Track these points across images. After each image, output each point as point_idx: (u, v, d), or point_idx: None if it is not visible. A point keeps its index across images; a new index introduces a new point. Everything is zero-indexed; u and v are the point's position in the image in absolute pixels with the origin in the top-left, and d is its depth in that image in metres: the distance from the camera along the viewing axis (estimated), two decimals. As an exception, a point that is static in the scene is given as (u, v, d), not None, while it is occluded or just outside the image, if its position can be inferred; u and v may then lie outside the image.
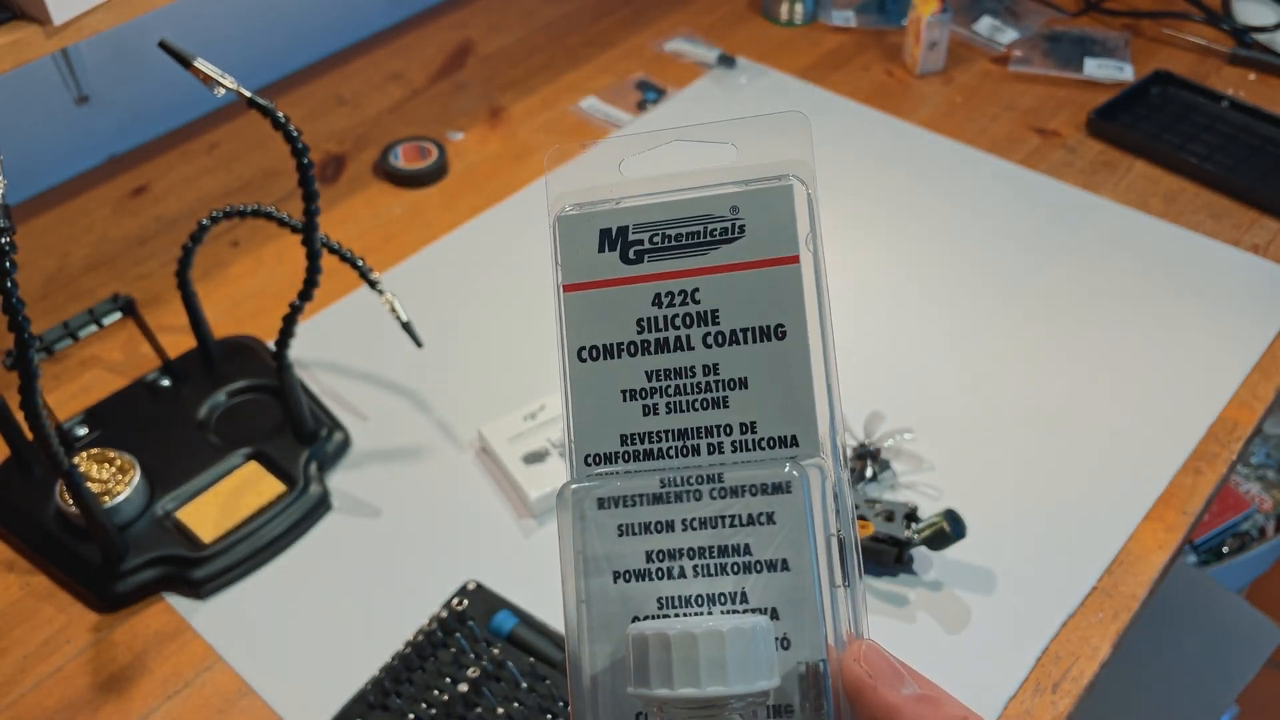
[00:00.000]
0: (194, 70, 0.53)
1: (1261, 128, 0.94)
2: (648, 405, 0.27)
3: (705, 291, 0.27)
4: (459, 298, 0.80)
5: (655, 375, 0.27)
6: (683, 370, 0.27)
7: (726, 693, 0.23)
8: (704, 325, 0.27)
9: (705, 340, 0.27)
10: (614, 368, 0.27)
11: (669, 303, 0.27)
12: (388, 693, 0.55)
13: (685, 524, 0.26)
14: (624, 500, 0.26)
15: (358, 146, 0.96)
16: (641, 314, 0.27)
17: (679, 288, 0.27)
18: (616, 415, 0.27)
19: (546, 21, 1.12)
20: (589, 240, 0.27)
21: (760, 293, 0.27)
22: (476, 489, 0.67)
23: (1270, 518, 1.19)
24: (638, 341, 0.27)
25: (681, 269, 0.27)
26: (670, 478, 0.26)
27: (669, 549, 0.26)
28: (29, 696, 0.58)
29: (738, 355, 0.27)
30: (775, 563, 0.26)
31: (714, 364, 0.27)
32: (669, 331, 0.27)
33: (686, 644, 0.23)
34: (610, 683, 0.25)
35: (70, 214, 0.90)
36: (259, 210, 0.63)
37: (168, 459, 0.66)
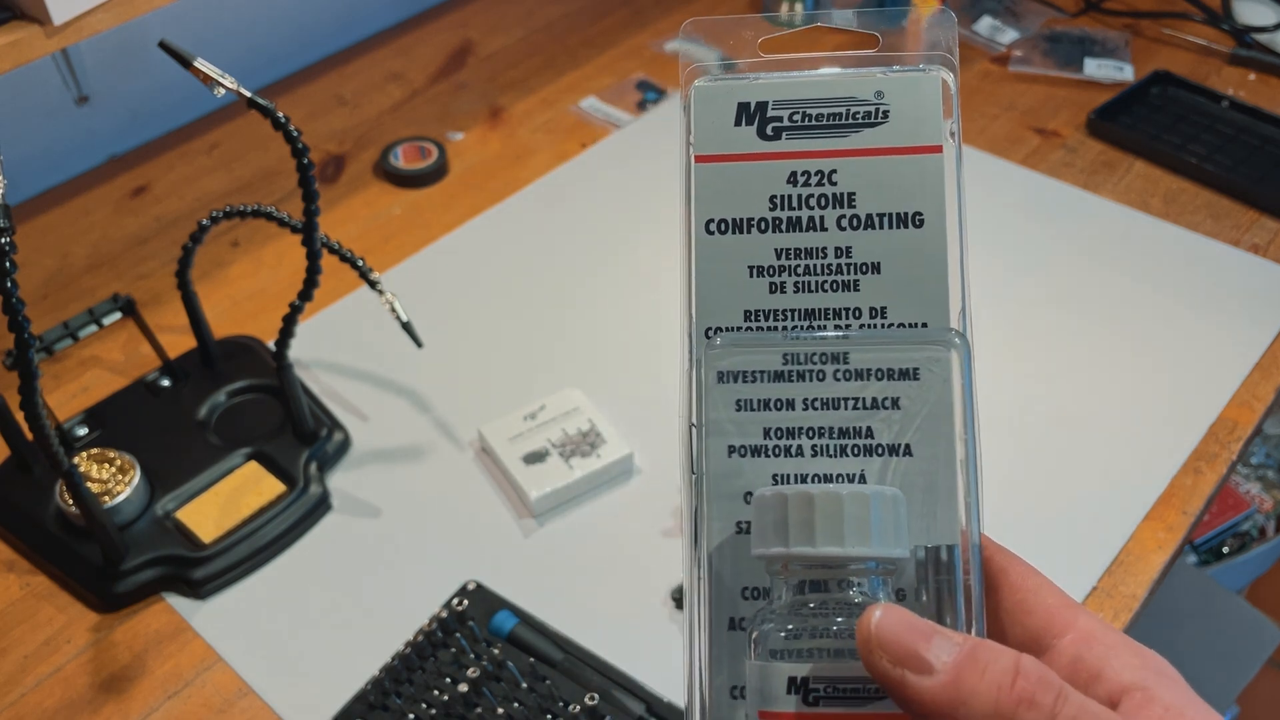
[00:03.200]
0: (194, 70, 0.53)
1: (1262, 128, 0.94)
2: (775, 283, 0.26)
3: (843, 173, 0.26)
4: (459, 298, 0.80)
5: (785, 254, 0.26)
6: (814, 250, 0.26)
7: (868, 553, 0.23)
8: (840, 207, 0.26)
9: (840, 222, 0.26)
10: (743, 243, 0.27)
11: (805, 182, 0.26)
12: (388, 693, 0.55)
13: (806, 403, 0.26)
14: (745, 375, 0.26)
15: (358, 146, 0.96)
16: (776, 191, 0.27)
17: (816, 168, 0.26)
18: (742, 290, 0.27)
19: (546, 22, 1.12)
20: (726, 112, 0.27)
21: (900, 179, 0.26)
22: (476, 489, 0.67)
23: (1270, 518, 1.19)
24: (769, 218, 0.26)
25: (820, 149, 0.26)
26: (794, 354, 0.26)
27: (788, 427, 0.26)
28: (29, 696, 0.58)
29: (872, 240, 0.26)
30: (898, 448, 0.26)
31: (847, 247, 0.26)
32: (803, 211, 0.26)
33: (831, 503, 0.23)
34: (723, 552, 0.25)
35: (70, 214, 0.90)
36: (259, 210, 0.63)
37: (168, 459, 0.66)
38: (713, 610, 0.25)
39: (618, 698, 0.54)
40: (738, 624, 0.25)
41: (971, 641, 0.22)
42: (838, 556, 0.23)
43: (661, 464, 0.68)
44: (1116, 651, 0.24)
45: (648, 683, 0.55)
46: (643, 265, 0.83)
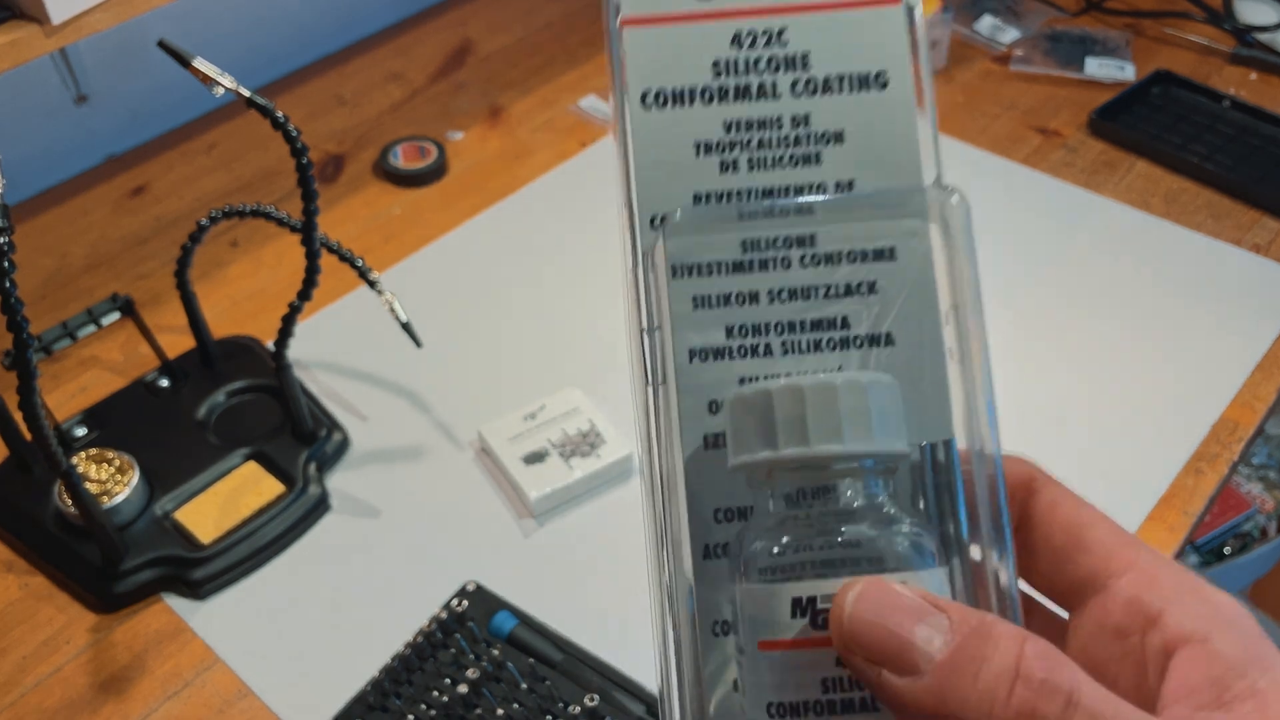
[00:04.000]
0: (193, 70, 0.53)
1: (1263, 127, 0.94)
2: (725, 161, 0.23)
3: (794, 32, 0.23)
4: (458, 298, 0.80)
5: (735, 126, 0.23)
6: (768, 121, 0.23)
7: (871, 449, 0.20)
8: (793, 70, 0.23)
9: (794, 87, 0.23)
10: (685, 116, 0.23)
11: (751, 44, 0.23)
12: (387, 694, 0.55)
13: (772, 295, 0.23)
14: (700, 268, 0.23)
15: (357, 146, 0.96)
16: (719, 55, 0.23)
17: (763, 27, 0.23)
18: (689, 171, 0.23)
19: (546, 21, 1.12)
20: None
21: (859, 36, 0.23)
22: (476, 489, 0.67)
23: (1272, 518, 1.19)
24: (714, 87, 0.23)
25: (767, 5, 0.23)
26: (754, 239, 0.23)
27: (752, 323, 0.23)
28: (28, 697, 0.57)
29: (832, 105, 0.23)
30: (878, 337, 0.23)
31: (805, 114, 0.23)
32: (751, 76, 0.23)
33: (824, 395, 0.20)
34: (689, 467, 0.23)
35: (69, 214, 0.89)
36: (258, 210, 0.63)
37: (167, 459, 0.66)
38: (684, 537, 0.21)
39: (618, 699, 0.54)
40: (714, 551, 0.23)
41: (965, 627, 0.18)
42: (838, 454, 0.20)
43: (661, 464, 0.67)
44: (1180, 595, 0.20)
45: (648, 683, 0.55)
46: (643, 265, 0.83)
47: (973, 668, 0.18)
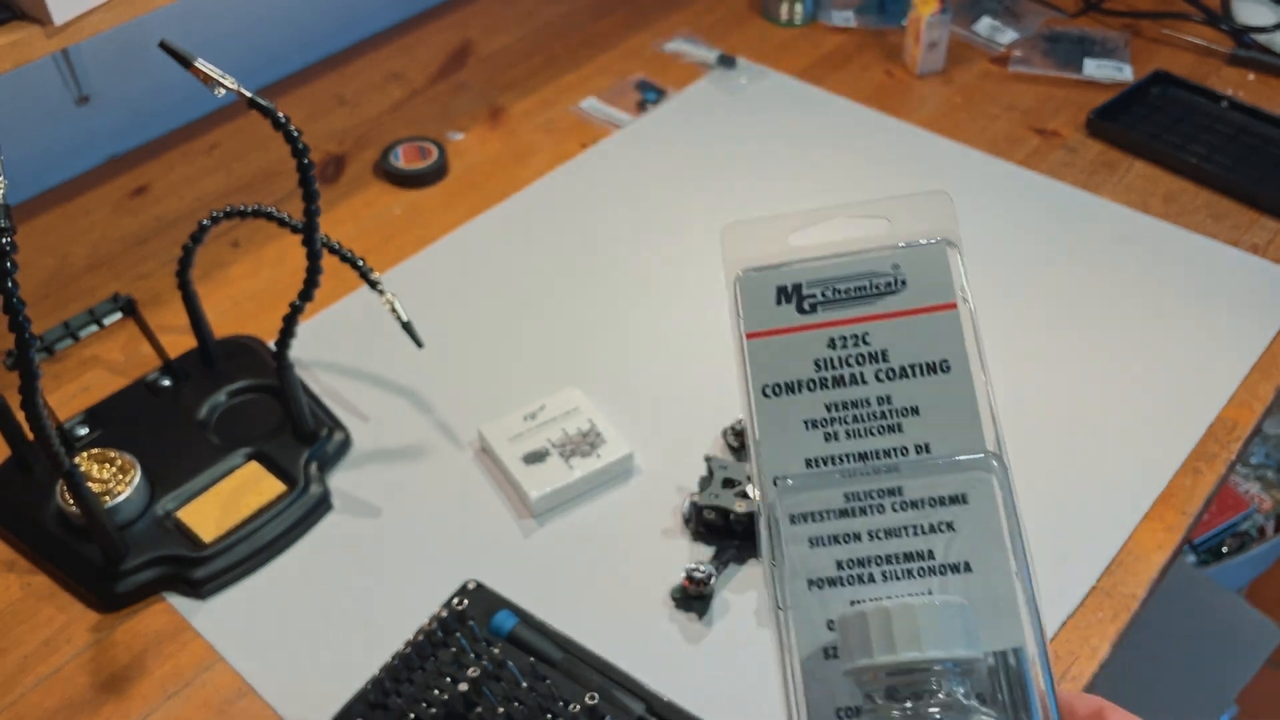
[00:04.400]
0: (194, 71, 0.53)
1: (1261, 128, 0.94)
2: (829, 432, 0.30)
3: (875, 335, 0.31)
4: (459, 298, 0.80)
5: (834, 407, 0.30)
6: (859, 402, 0.30)
7: (942, 655, 0.26)
8: (876, 363, 0.31)
9: (878, 375, 0.30)
10: (796, 401, 0.30)
11: (842, 345, 0.31)
12: (388, 692, 0.55)
13: (871, 534, 0.29)
14: (813, 516, 0.29)
15: (358, 147, 0.96)
16: (818, 355, 0.31)
17: (851, 332, 0.31)
18: (800, 442, 0.30)
19: (546, 22, 1.12)
20: (767, 295, 0.31)
21: (924, 334, 0.31)
22: (477, 489, 0.67)
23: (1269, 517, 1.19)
24: (815, 379, 0.31)
25: (851, 316, 0.31)
26: (854, 492, 0.29)
27: (857, 558, 0.29)
28: (29, 696, 0.58)
29: (908, 387, 0.30)
30: (958, 565, 0.29)
31: (887, 395, 0.30)
32: (844, 369, 0.31)
33: (905, 614, 0.26)
34: (814, 674, 0.28)
35: (71, 214, 0.90)
36: (259, 210, 0.63)
37: (168, 459, 0.66)
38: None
39: (618, 697, 0.54)
40: None
41: None
42: (917, 660, 0.26)
43: (661, 464, 0.68)
44: None
45: (648, 682, 0.55)
46: (643, 265, 0.83)
47: None
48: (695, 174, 0.91)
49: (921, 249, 0.31)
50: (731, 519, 0.62)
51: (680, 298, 0.80)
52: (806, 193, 0.90)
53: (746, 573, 0.62)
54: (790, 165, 0.92)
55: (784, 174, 0.91)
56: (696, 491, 0.64)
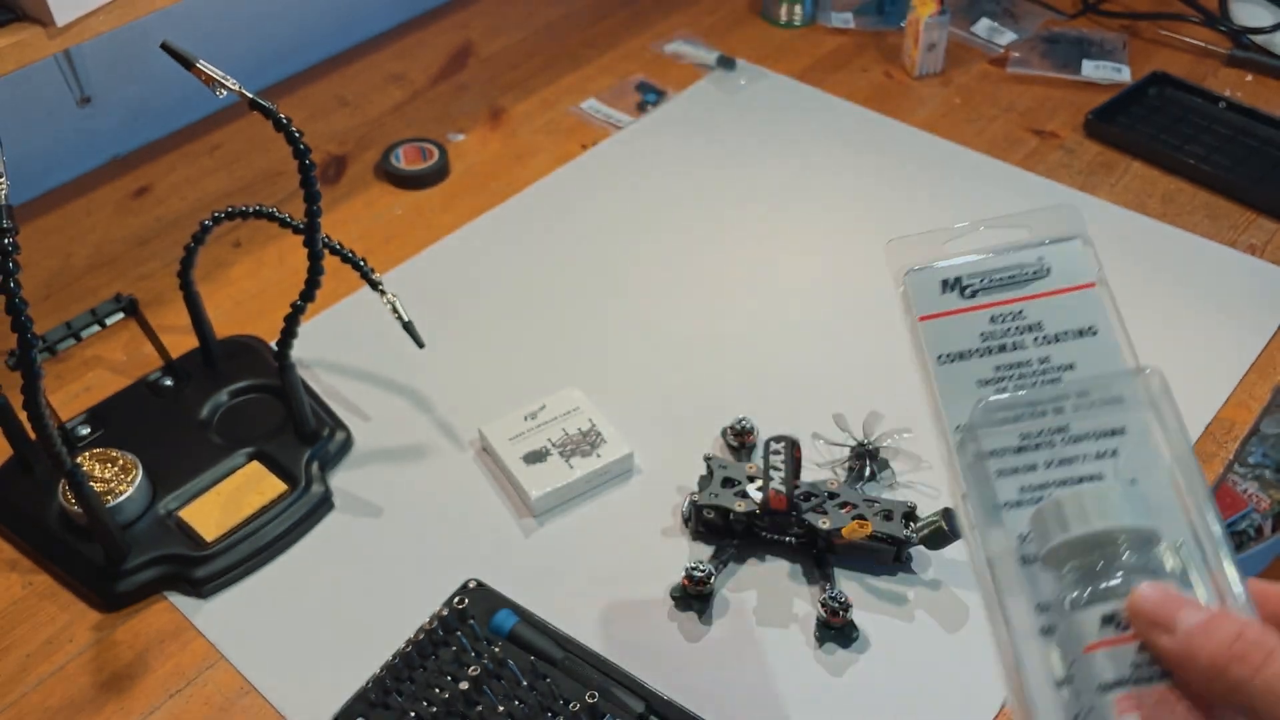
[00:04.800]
0: (196, 72, 0.53)
1: (1259, 129, 0.94)
2: (999, 389, 0.36)
3: (1029, 311, 0.37)
4: (460, 298, 0.80)
5: (1001, 368, 0.37)
6: (1021, 363, 0.37)
7: (1117, 525, 0.31)
8: (1033, 332, 0.37)
9: (1035, 341, 0.37)
10: (967, 366, 0.37)
11: (1002, 320, 0.37)
12: (389, 691, 0.55)
13: (1046, 465, 0.34)
14: (995, 453, 0.35)
15: (359, 147, 0.96)
16: (983, 329, 0.37)
17: (1008, 310, 0.37)
18: (975, 397, 0.36)
19: (547, 23, 1.12)
20: (933, 287, 0.38)
21: (1072, 308, 0.37)
22: (477, 488, 0.67)
23: (1267, 517, 1.19)
24: (982, 347, 0.37)
25: (1008, 298, 0.37)
26: (1027, 432, 0.34)
27: (1035, 484, 0.34)
28: (31, 695, 0.58)
29: (1063, 349, 0.37)
30: (1126, 484, 0.33)
31: (1046, 356, 0.36)
32: (1007, 339, 0.37)
33: (1083, 496, 0.32)
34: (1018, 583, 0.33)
35: (73, 214, 0.90)
36: (261, 211, 0.64)
37: (170, 458, 0.66)
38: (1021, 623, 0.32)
39: (618, 695, 0.54)
40: (1041, 630, 0.32)
41: (1211, 611, 0.29)
42: (1100, 530, 0.31)
43: (661, 464, 0.68)
44: None
45: (648, 680, 0.55)
46: (643, 265, 0.83)
47: (1210, 630, 0.28)
48: (695, 175, 0.92)
49: (1062, 245, 0.38)
50: (731, 518, 0.62)
51: (681, 297, 0.80)
52: (806, 193, 0.90)
53: (746, 572, 0.62)
54: (790, 166, 0.92)
55: (783, 174, 0.92)
56: (696, 491, 0.64)
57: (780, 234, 0.86)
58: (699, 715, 0.54)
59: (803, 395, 0.72)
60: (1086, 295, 0.37)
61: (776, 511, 0.60)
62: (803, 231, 0.86)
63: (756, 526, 0.62)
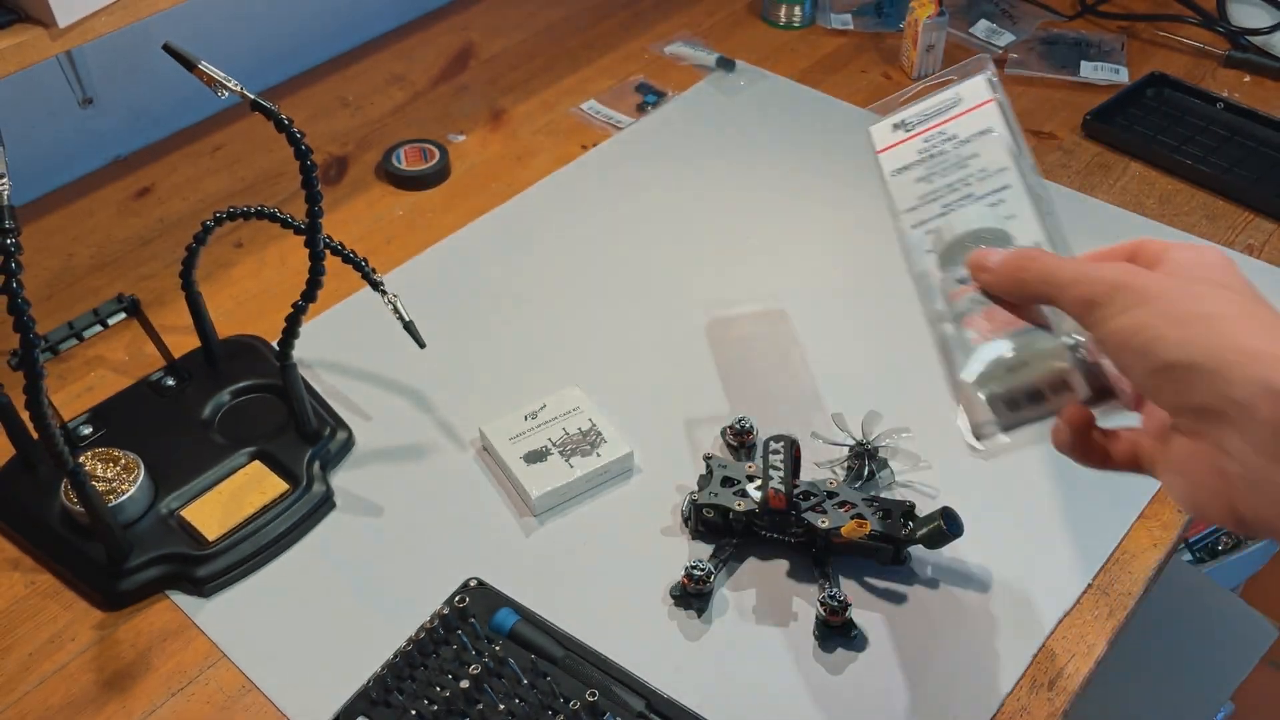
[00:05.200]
0: (198, 73, 0.54)
1: (1256, 129, 0.95)
2: (929, 178, 0.51)
3: (947, 129, 0.52)
4: (461, 298, 0.81)
5: (931, 167, 0.51)
6: (943, 155, 0.51)
7: (979, 228, 0.47)
8: (951, 140, 0.51)
9: (953, 145, 0.51)
10: (909, 174, 0.51)
11: (931, 140, 0.51)
12: (390, 689, 0.55)
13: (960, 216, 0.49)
14: (901, 170, 0.52)
15: (360, 148, 0.97)
16: (919, 148, 0.52)
17: (936, 132, 0.52)
18: (915, 189, 0.51)
19: (547, 24, 1.13)
20: (887, 131, 0.53)
21: (976, 119, 0.51)
22: (478, 487, 0.67)
23: (1266, 517, 1.19)
24: (917, 160, 0.51)
25: (934, 124, 0.52)
26: (948, 201, 0.49)
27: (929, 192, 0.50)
28: (33, 694, 0.58)
29: (969, 145, 0.50)
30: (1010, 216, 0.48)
31: (959, 152, 0.50)
32: (934, 148, 0.51)
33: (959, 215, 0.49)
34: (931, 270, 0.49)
35: (75, 215, 0.90)
36: (262, 211, 0.64)
37: (172, 458, 0.66)
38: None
39: (618, 694, 0.55)
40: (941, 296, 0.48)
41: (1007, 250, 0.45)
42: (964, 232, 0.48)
43: (661, 463, 0.68)
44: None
45: (648, 679, 0.56)
46: (643, 265, 0.83)
47: (1005, 258, 0.44)
48: (695, 175, 0.92)
49: (970, 80, 0.52)
50: (730, 517, 0.62)
51: (680, 297, 0.80)
52: (806, 193, 0.90)
53: (745, 571, 0.62)
54: (789, 167, 0.93)
55: (783, 175, 0.92)
56: (696, 490, 0.64)
57: (780, 234, 0.86)
58: (699, 713, 0.55)
59: (802, 395, 0.72)
60: (986, 109, 0.51)
61: (776, 511, 0.60)
62: (802, 232, 0.86)
63: (756, 526, 0.62)
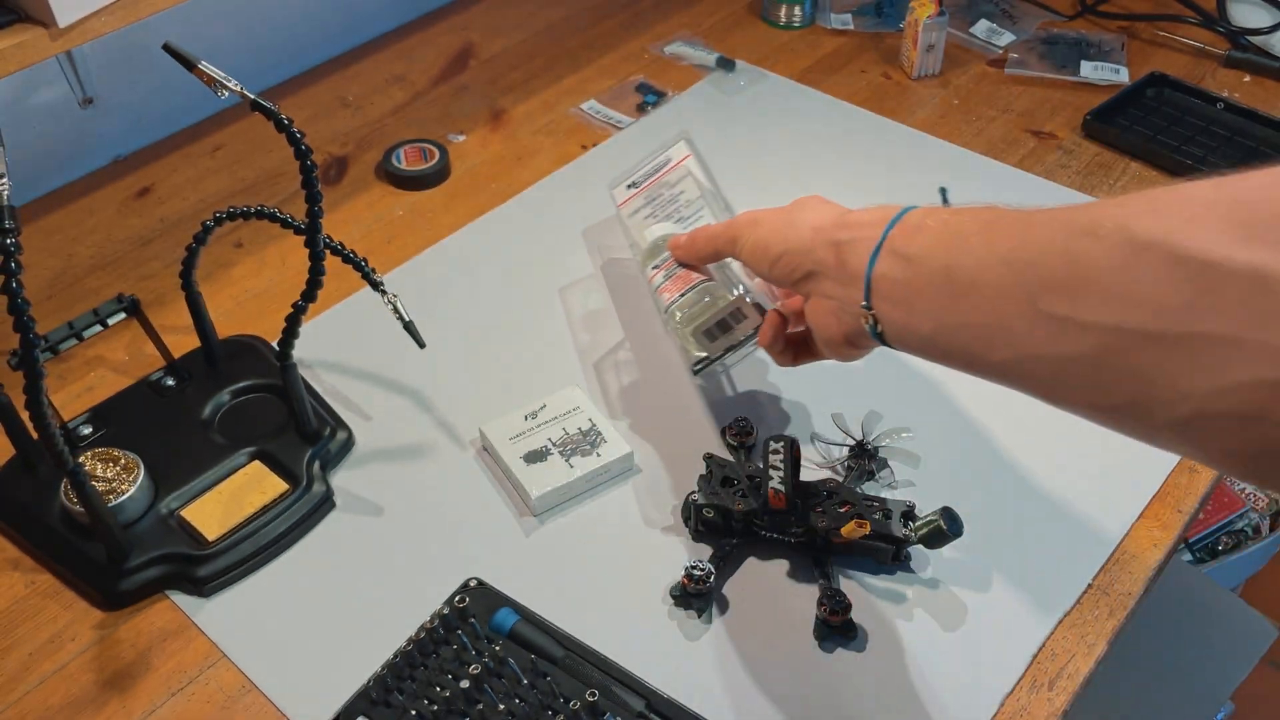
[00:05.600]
0: (198, 73, 0.54)
1: (1256, 129, 0.95)
2: (652, 215, 0.74)
3: (664, 179, 0.75)
4: (461, 298, 0.81)
5: (655, 209, 0.75)
6: (661, 199, 0.75)
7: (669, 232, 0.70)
8: (665, 186, 0.75)
9: (668, 188, 0.75)
10: (641, 213, 0.74)
11: (655, 188, 0.72)
12: (390, 689, 0.55)
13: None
14: (634, 213, 0.77)
15: (360, 148, 0.97)
16: (647, 195, 0.72)
17: (655, 184, 0.73)
18: (650, 228, 0.72)
19: (547, 25, 1.13)
20: (622, 190, 0.75)
21: (680, 169, 0.77)
22: (478, 487, 0.67)
23: (1265, 516, 1.20)
24: (649, 203, 0.74)
25: (653, 180, 0.76)
26: (652, 205, 0.75)
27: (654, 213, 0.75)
28: (33, 694, 0.58)
29: (677, 187, 0.74)
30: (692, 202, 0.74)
31: (671, 193, 0.75)
32: (655, 194, 0.74)
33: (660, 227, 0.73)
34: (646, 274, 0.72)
35: (75, 215, 0.90)
36: (262, 211, 0.64)
37: (172, 458, 0.66)
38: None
39: (618, 694, 0.55)
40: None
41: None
42: (658, 237, 0.71)
43: (661, 463, 0.68)
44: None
45: (648, 679, 0.56)
46: (642, 266, 0.83)
47: (691, 235, 0.66)
48: (695, 175, 0.92)
49: (675, 144, 0.76)
50: (731, 518, 0.62)
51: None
52: (805, 194, 0.90)
53: (745, 571, 0.62)
54: (788, 167, 0.93)
55: (782, 175, 0.92)
56: (696, 490, 0.64)
57: (780, 234, 0.86)
58: (699, 713, 0.55)
59: (802, 395, 0.72)
60: (686, 163, 0.75)
61: (776, 511, 0.60)
62: (802, 232, 0.86)
63: (756, 526, 0.62)
